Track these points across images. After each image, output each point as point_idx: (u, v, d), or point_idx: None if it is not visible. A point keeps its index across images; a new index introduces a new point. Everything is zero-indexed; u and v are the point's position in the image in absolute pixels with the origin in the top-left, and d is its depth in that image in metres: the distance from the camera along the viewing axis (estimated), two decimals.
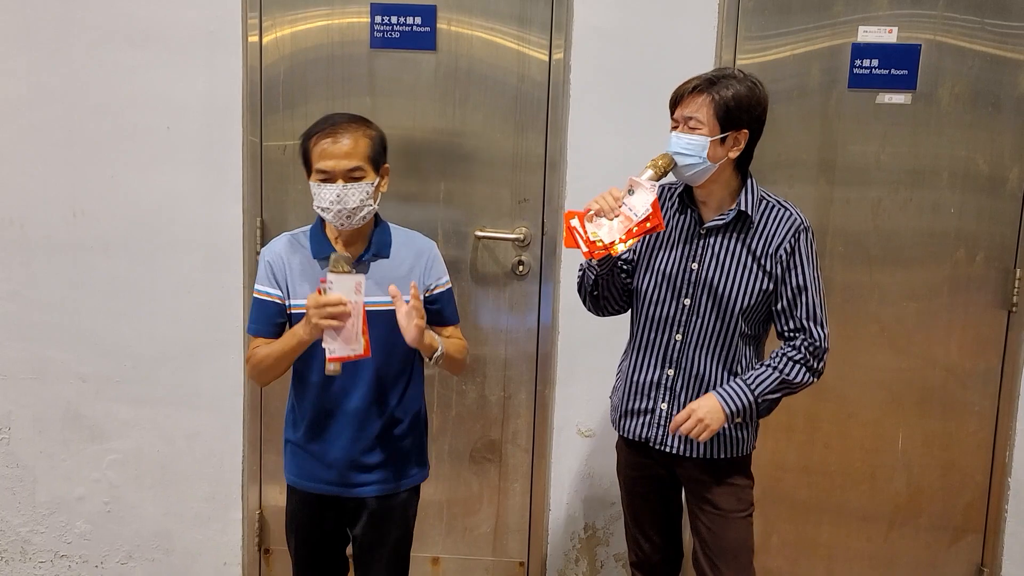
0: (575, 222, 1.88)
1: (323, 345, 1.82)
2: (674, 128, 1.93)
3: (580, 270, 2.09)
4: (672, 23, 2.54)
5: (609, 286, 2.04)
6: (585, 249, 1.87)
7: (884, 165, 2.57)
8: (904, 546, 2.75)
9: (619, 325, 2.63)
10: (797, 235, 1.93)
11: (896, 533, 2.75)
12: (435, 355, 1.93)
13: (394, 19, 2.57)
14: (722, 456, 2.01)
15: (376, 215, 2.01)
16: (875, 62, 2.53)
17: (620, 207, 1.86)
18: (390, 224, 2.05)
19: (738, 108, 1.87)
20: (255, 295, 1.99)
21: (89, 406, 2.74)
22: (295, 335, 1.87)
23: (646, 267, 2.03)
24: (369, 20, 2.57)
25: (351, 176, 1.88)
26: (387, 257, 1.99)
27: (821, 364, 1.96)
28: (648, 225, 1.85)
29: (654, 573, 2.21)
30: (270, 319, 1.98)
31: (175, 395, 2.73)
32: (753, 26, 2.53)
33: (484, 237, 2.65)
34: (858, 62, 2.53)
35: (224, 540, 2.80)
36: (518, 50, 2.58)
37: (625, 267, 2.06)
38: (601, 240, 1.86)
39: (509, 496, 2.79)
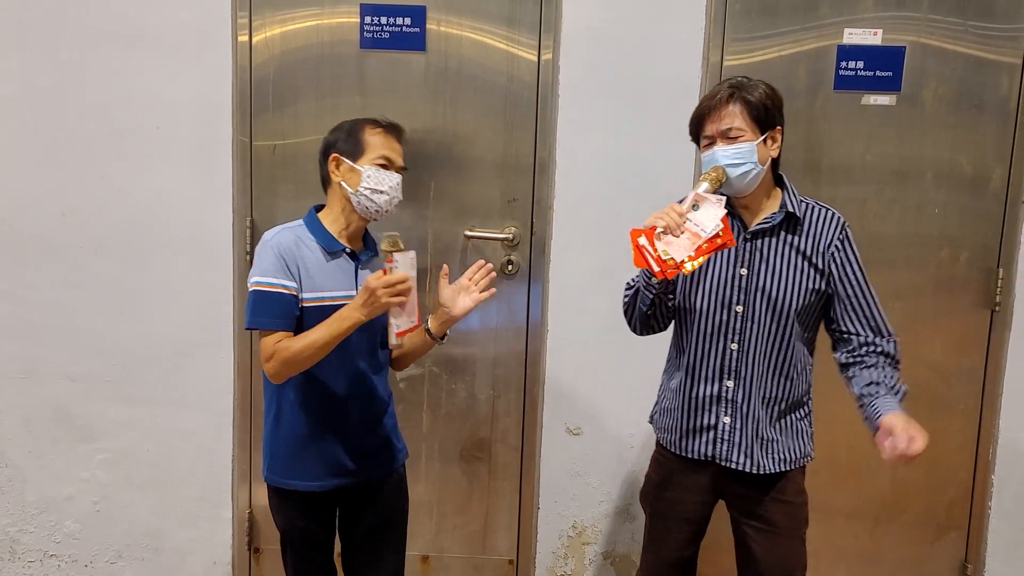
0: (643, 240, 1.79)
1: (391, 320, 1.89)
2: (708, 146, 1.89)
3: (628, 289, 2.02)
4: (660, 24, 2.56)
5: (662, 305, 1.98)
6: (657, 268, 1.78)
7: (869, 166, 2.60)
8: (889, 543, 2.78)
9: (608, 323, 2.65)
10: (844, 231, 1.93)
11: (881, 530, 2.77)
12: (444, 337, 2.09)
13: (384, 19, 2.58)
14: (785, 469, 1.96)
15: None
16: (860, 64, 2.56)
17: (685, 223, 1.80)
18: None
19: (772, 106, 1.88)
20: (268, 288, 1.91)
21: (79, 406, 2.74)
22: (348, 319, 1.85)
23: (691, 280, 1.96)
24: (359, 20, 2.59)
25: (401, 171, 2.02)
26: (377, 255, 2.07)
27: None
28: (719, 242, 1.78)
29: None
30: (290, 312, 1.92)
31: (165, 395, 2.73)
32: (740, 28, 2.56)
33: (473, 237, 2.67)
34: (843, 64, 2.56)
35: (214, 539, 2.81)
36: (507, 51, 2.60)
37: (671, 284, 1.99)
38: (672, 259, 1.78)
39: (498, 494, 2.80)
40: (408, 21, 2.58)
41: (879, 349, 1.94)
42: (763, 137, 1.87)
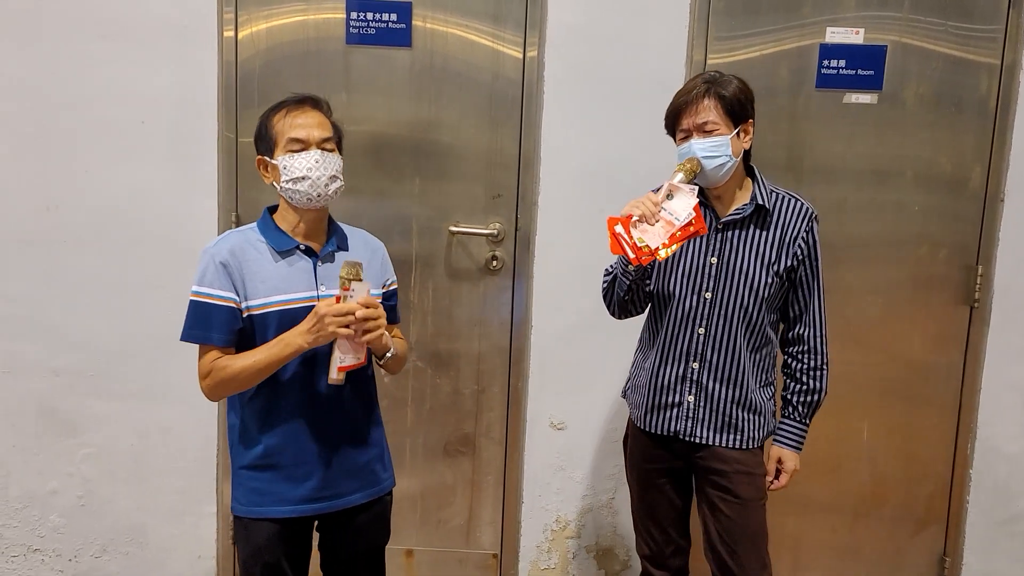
0: (619, 228, 1.87)
1: (336, 353, 1.77)
2: (684, 139, 1.98)
3: (607, 275, 2.11)
4: (644, 22, 2.58)
5: (639, 291, 2.07)
6: (632, 255, 1.87)
7: (850, 164, 2.63)
8: (868, 537, 2.81)
9: (592, 318, 2.67)
10: (811, 223, 2.02)
11: (861, 524, 2.81)
12: (387, 355, 1.91)
13: (370, 15, 2.59)
14: (751, 446, 2.06)
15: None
16: (842, 62, 2.58)
17: (659, 212, 1.88)
18: (339, 223, 2.01)
19: (745, 100, 1.97)
20: (203, 299, 1.81)
21: (62, 400, 2.73)
22: (290, 344, 1.76)
23: (666, 266, 2.05)
24: (345, 16, 2.59)
25: (324, 146, 1.85)
26: (346, 250, 1.94)
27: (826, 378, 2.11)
28: (691, 229, 1.86)
29: (665, 564, 2.20)
30: (229, 325, 1.81)
31: (149, 389, 2.73)
32: (723, 26, 2.57)
33: (458, 232, 2.68)
34: (825, 62, 2.58)
35: (198, 534, 2.81)
36: (493, 47, 2.61)
37: (647, 271, 2.08)
38: (647, 246, 1.86)
39: (482, 489, 2.82)
40: (394, 17, 2.59)
41: (811, 363, 2.08)
42: (736, 130, 1.96)
